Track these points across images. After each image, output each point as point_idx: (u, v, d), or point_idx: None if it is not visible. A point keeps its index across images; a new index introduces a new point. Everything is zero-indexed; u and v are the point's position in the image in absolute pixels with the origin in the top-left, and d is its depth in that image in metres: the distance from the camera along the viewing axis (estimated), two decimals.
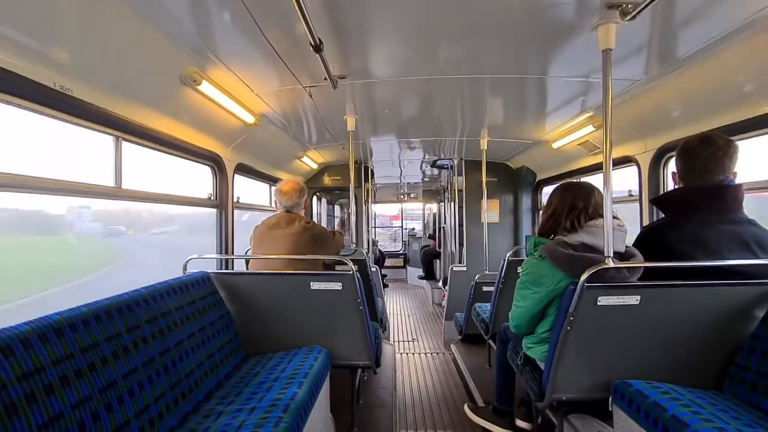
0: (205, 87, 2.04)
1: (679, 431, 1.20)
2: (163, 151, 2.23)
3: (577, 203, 1.69)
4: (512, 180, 4.97)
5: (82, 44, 1.47)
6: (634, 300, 1.51)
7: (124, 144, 1.93)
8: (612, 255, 1.53)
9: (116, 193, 1.88)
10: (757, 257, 1.52)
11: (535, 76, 2.24)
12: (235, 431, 1.30)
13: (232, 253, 2.87)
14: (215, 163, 2.75)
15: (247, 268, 2.64)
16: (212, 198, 2.80)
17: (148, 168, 2.29)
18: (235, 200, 3.00)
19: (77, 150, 1.83)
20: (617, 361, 1.60)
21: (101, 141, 1.87)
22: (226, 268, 2.78)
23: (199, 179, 2.80)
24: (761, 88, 1.82)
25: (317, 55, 1.76)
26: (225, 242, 2.82)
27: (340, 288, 2.06)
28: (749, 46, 1.65)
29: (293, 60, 1.97)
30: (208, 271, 2.12)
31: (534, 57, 2.01)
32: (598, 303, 1.52)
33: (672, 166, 2.57)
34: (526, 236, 4.77)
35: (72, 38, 1.43)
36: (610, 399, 1.56)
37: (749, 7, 1.45)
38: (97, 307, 1.29)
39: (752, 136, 2.00)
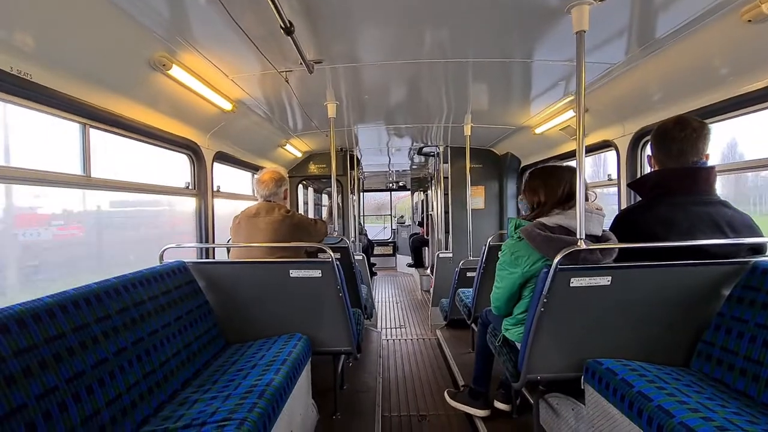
0: (176, 72, 1.98)
1: (644, 405, 1.24)
2: (135, 139, 2.18)
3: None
4: (497, 166, 4.98)
5: (41, 27, 1.41)
6: (605, 281, 1.54)
7: (93, 131, 1.87)
8: (585, 237, 1.55)
9: (85, 182, 1.83)
10: (728, 237, 1.55)
11: (517, 60, 2.22)
12: (209, 417, 1.30)
13: (213, 243, 2.84)
14: (192, 151, 2.70)
15: (228, 258, 2.62)
16: (190, 187, 2.75)
17: (123, 158, 2.25)
18: (215, 189, 2.95)
19: (43, 139, 1.78)
20: (590, 341, 1.64)
21: (68, 129, 1.82)
22: (207, 258, 2.75)
23: (183, 169, 2.76)
24: (736, 69, 1.84)
25: (289, 38, 1.71)
26: (204, 232, 2.79)
27: (320, 275, 2.06)
28: (721, 27, 1.65)
29: (266, 43, 1.92)
30: (186, 260, 2.10)
31: (516, 40, 1.99)
32: (571, 284, 1.54)
33: (649, 149, 2.61)
34: (508, 218, 4.81)
35: (30, 21, 1.36)
36: (582, 377, 1.60)
37: None
38: (62, 298, 1.27)
39: (729, 118, 2.02)
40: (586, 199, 1.68)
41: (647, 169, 2.59)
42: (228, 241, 2.88)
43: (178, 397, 1.53)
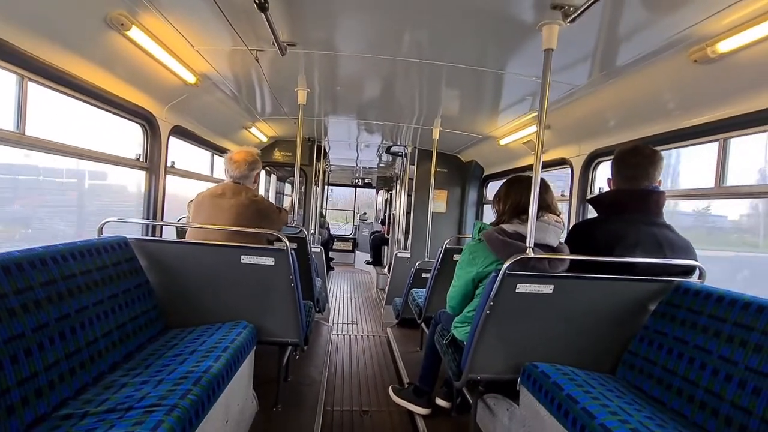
0: (135, 34, 1.84)
1: (570, 407, 1.32)
2: (81, 100, 2.00)
3: (545, 198, 1.77)
4: (461, 173, 5.11)
5: None
6: (548, 289, 1.62)
7: (32, 86, 1.70)
8: (540, 247, 1.63)
9: (18, 139, 1.66)
10: (667, 257, 1.68)
11: (490, 69, 2.27)
12: (136, 402, 1.22)
13: (161, 220, 2.68)
14: (147, 121, 2.53)
15: (181, 237, 2.49)
16: (141, 159, 2.58)
17: (75, 123, 2.07)
18: (169, 165, 2.79)
19: None
20: (529, 345, 1.72)
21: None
22: (153, 236, 2.59)
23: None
24: (681, 104, 2.01)
25: (263, 14, 1.65)
26: (153, 208, 2.63)
27: (273, 264, 2.00)
28: (672, 63, 1.80)
29: (238, 17, 1.84)
30: (129, 236, 1.97)
31: (491, 50, 2.04)
32: (517, 290, 1.60)
33: (600, 170, 2.79)
34: (474, 222, 4.96)
35: None
36: (519, 379, 1.67)
37: (673, 27, 1.57)
38: None
39: (674, 147, 2.20)
40: (554, 212, 1.77)
41: (597, 188, 2.78)
42: (179, 220, 2.74)
43: (104, 380, 1.42)
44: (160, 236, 2.66)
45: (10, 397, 1.10)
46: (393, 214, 6.93)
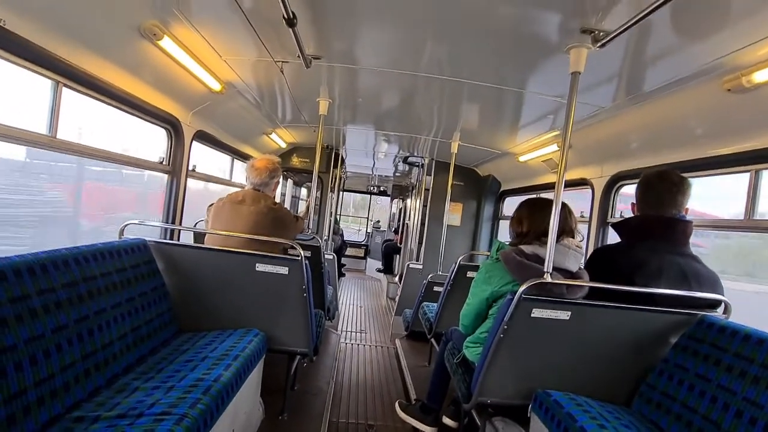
0: (166, 43, 1.90)
1: None
2: (112, 105, 2.07)
3: (568, 221, 1.75)
4: (478, 187, 5.07)
5: None
6: (564, 315, 1.58)
7: (66, 92, 1.76)
8: (558, 271, 1.59)
9: (49, 143, 1.72)
10: (692, 289, 1.61)
11: (511, 88, 2.26)
12: (147, 409, 1.23)
13: (180, 224, 2.73)
14: (172, 126, 2.59)
15: (198, 241, 2.53)
16: (164, 163, 2.64)
17: (100, 127, 2.14)
18: (191, 169, 2.85)
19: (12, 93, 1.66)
20: (542, 371, 1.67)
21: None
22: (171, 239, 2.64)
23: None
24: (710, 132, 1.95)
25: (290, 30, 1.68)
26: (173, 212, 2.68)
27: (287, 273, 2.02)
28: (703, 91, 1.75)
29: (265, 30, 1.88)
30: (148, 239, 2.01)
31: (513, 69, 2.03)
32: (532, 315, 1.57)
33: (622, 193, 2.73)
34: (493, 240, 4.90)
35: None
36: (530, 406, 1.63)
37: (706, 55, 1.53)
38: (2, 264, 1.18)
39: (697, 176, 2.13)
40: (573, 236, 1.73)
41: (618, 211, 2.72)
42: (195, 224, 2.79)
43: (118, 382, 1.45)
44: (178, 239, 2.70)
45: (27, 397, 1.12)
46: (407, 223, 6.91)
